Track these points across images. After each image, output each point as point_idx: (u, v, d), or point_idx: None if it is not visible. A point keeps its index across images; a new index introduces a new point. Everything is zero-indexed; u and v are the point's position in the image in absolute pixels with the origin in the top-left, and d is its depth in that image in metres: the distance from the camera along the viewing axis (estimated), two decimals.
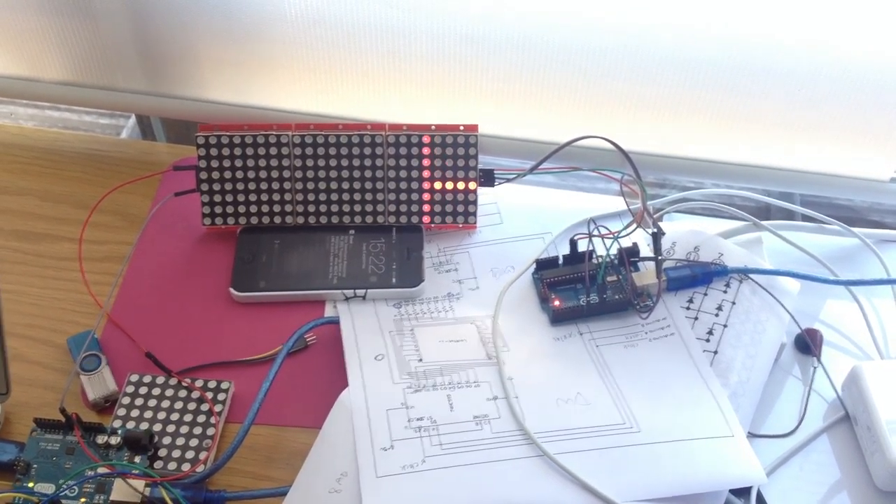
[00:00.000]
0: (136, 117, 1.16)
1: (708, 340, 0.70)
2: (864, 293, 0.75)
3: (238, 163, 0.77)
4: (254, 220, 0.78)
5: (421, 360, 0.69)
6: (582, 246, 0.74)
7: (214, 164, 0.77)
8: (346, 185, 0.77)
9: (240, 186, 0.77)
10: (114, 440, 0.65)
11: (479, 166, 0.78)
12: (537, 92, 0.79)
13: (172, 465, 0.65)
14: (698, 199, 0.81)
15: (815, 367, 0.72)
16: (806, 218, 0.80)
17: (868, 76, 0.73)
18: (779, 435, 0.68)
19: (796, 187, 0.83)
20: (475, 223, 0.79)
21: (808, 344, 0.72)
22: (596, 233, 0.72)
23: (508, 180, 0.79)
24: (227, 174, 0.77)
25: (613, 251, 0.73)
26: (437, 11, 0.75)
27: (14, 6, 0.82)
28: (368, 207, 0.78)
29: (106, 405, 0.69)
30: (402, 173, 0.77)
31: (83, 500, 0.63)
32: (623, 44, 0.75)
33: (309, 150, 0.77)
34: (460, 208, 0.78)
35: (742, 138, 0.79)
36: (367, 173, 0.77)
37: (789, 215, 0.84)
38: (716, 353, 0.69)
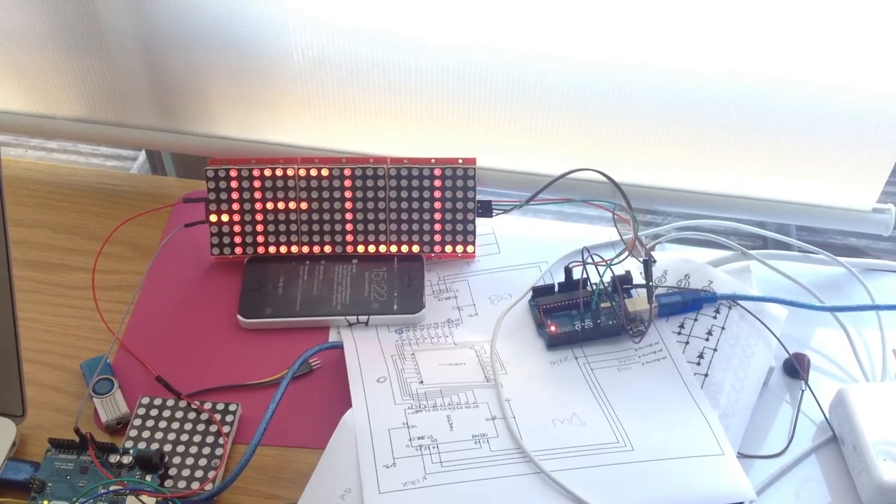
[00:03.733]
0: (146, 152, 1.19)
1: (698, 364, 0.72)
2: (850, 319, 0.77)
3: (246, 195, 0.80)
4: (261, 250, 0.81)
5: (422, 382, 0.72)
6: (577, 274, 0.76)
7: (223, 196, 0.80)
8: (349, 216, 0.80)
9: (247, 218, 0.80)
10: (126, 459, 0.68)
11: (478, 198, 0.80)
12: (533, 126, 0.82)
13: (182, 484, 0.67)
14: (689, 229, 0.83)
15: (802, 390, 0.74)
16: (786, 246, 0.83)
17: (850, 111, 0.75)
18: (769, 455, 0.70)
19: (781, 217, 0.85)
20: (474, 252, 0.82)
21: (795, 368, 0.74)
22: (590, 261, 0.75)
23: (505, 211, 0.82)
24: (235, 206, 0.80)
25: (607, 279, 0.75)
26: (436, 50, 0.78)
27: (31, 46, 0.85)
28: (371, 237, 0.81)
29: (118, 427, 0.71)
30: (404, 204, 0.80)
31: None
32: (614, 81, 0.77)
33: (314, 183, 0.80)
34: (459, 238, 0.81)
35: (728, 170, 0.82)
36: (370, 205, 0.80)
37: (779, 245, 0.86)
38: (706, 375, 0.72)
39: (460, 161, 0.80)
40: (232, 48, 0.82)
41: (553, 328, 0.75)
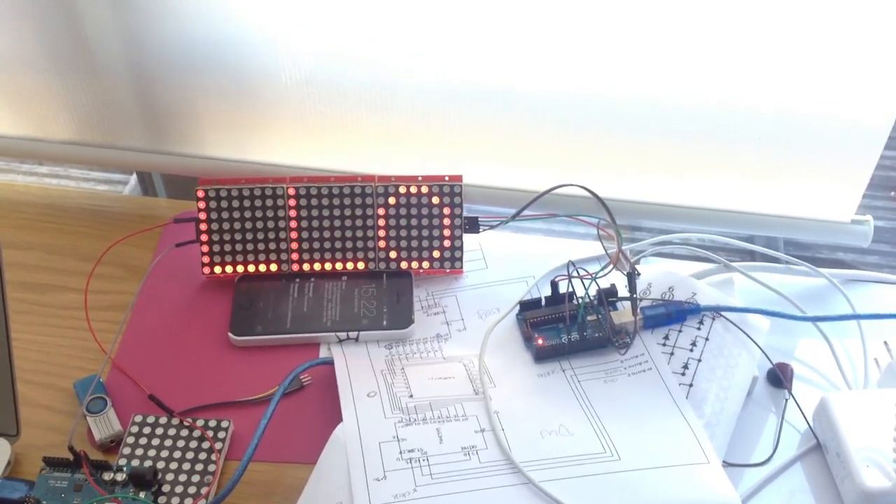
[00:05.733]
0: (137, 174, 1.19)
1: (683, 374, 0.74)
2: (831, 329, 0.78)
3: (236, 214, 0.81)
4: (251, 269, 0.82)
5: (412, 396, 0.73)
6: (563, 287, 0.77)
7: (213, 215, 0.81)
8: (338, 234, 0.81)
9: (237, 236, 0.81)
10: (119, 476, 0.68)
11: (464, 214, 0.81)
12: (518, 143, 0.83)
13: (176, 500, 0.68)
14: (672, 243, 0.85)
15: (786, 399, 0.75)
16: (774, 259, 0.84)
17: (827, 124, 0.77)
18: (754, 464, 0.71)
19: (762, 230, 0.87)
20: (461, 268, 0.83)
21: (779, 377, 0.75)
22: (575, 275, 0.76)
23: (492, 227, 0.83)
24: (226, 225, 0.81)
25: (592, 292, 0.76)
26: (421, 70, 0.80)
27: (22, 70, 0.86)
28: (360, 254, 0.82)
29: (111, 445, 0.72)
30: (392, 221, 0.81)
31: None
32: (597, 97, 0.79)
33: (303, 201, 0.81)
34: (447, 254, 0.82)
35: (709, 184, 0.83)
36: (359, 222, 0.81)
37: (762, 258, 0.87)
38: (691, 385, 0.73)
39: (447, 178, 0.81)
40: (221, 71, 0.83)
41: (540, 341, 0.76)
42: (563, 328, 0.76)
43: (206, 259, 0.82)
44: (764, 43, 0.73)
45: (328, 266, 0.82)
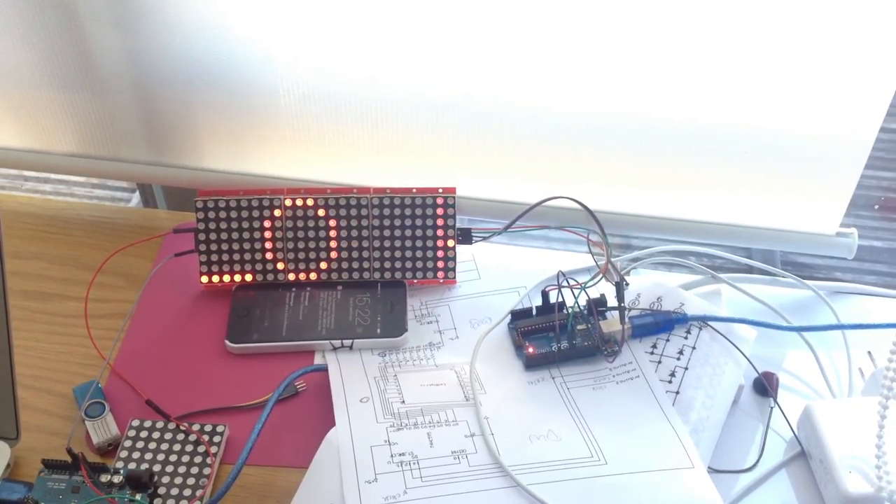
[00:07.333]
0: (139, 186, 1.21)
1: (670, 382, 0.75)
2: (817, 339, 0.79)
3: (234, 224, 0.82)
4: (248, 278, 0.84)
5: (403, 401, 0.74)
6: (553, 297, 0.79)
7: (212, 226, 0.82)
8: (334, 244, 0.83)
9: (235, 246, 0.83)
10: (116, 479, 0.69)
11: (458, 225, 0.83)
12: (509, 156, 0.85)
13: (171, 502, 0.69)
14: (660, 255, 0.86)
15: (772, 407, 0.76)
16: (763, 272, 0.85)
17: (811, 137, 0.78)
18: (740, 470, 0.72)
19: (749, 242, 0.88)
20: (454, 278, 0.84)
21: (765, 386, 0.77)
22: (565, 284, 0.78)
23: (485, 238, 0.84)
24: (224, 235, 0.83)
25: (582, 301, 0.78)
26: (416, 84, 0.81)
27: (27, 84, 0.88)
28: (355, 264, 0.84)
29: (109, 449, 0.73)
30: (386, 232, 0.83)
31: None
32: (588, 113, 0.81)
33: (300, 213, 0.82)
34: (440, 264, 0.84)
35: (698, 198, 0.85)
36: (354, 233, 0.83)
37: (747, 269, 0.89)
38: (677, 393, 0.74)
39: (440, 190, 0.82)
40: (221, 86, 0.85)
41: (531, 349, 0.77)
42: (553, 337, 0.78)
43: (203, 268, 0.84)
44: (750, 61, 0.74)
45: (324, 275, 0.84)
